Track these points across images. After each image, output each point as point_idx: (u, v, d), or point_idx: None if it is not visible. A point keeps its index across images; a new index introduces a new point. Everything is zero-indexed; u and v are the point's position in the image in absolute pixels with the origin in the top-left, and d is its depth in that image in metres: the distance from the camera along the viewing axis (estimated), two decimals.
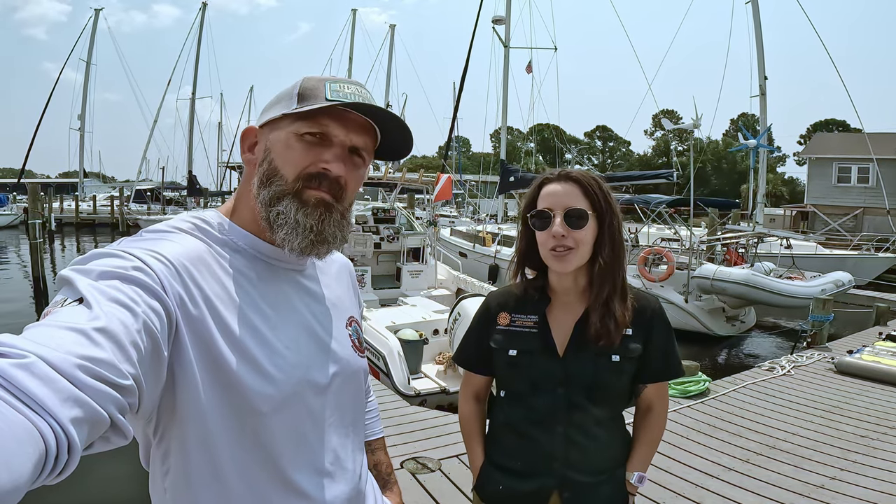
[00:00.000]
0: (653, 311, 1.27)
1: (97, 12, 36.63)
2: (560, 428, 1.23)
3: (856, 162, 23.57)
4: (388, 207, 9.66)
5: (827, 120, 49.46)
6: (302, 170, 0.80)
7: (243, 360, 0.72)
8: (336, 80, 0.83)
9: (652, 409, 1.34)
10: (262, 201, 0.79)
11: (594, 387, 1.22)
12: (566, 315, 1.27)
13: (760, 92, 17.18)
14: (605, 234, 1.21)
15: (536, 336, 1.26)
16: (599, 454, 1.26)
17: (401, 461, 3.23)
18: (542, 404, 1.25)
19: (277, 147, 0.81)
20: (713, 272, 9.40)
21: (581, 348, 1.23)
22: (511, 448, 1.30)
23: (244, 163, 0.86)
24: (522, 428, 1.28)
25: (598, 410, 1.24)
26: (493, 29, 19.75)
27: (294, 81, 0.84)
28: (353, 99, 0.81)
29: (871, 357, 5.46)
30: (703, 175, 44.02)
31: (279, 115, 0.81)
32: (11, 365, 0.46)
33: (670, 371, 1.30)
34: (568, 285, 1.27)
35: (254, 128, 0.86)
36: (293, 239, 0.78)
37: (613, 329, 1.20)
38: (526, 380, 1.26)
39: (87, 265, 0.64)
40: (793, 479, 3.21)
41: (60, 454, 0.46)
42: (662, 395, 1.35)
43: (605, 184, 1.25)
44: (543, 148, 46.75)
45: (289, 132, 0.80)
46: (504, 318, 1.31)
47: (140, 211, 30.47)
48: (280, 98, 0.83)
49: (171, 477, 0.74)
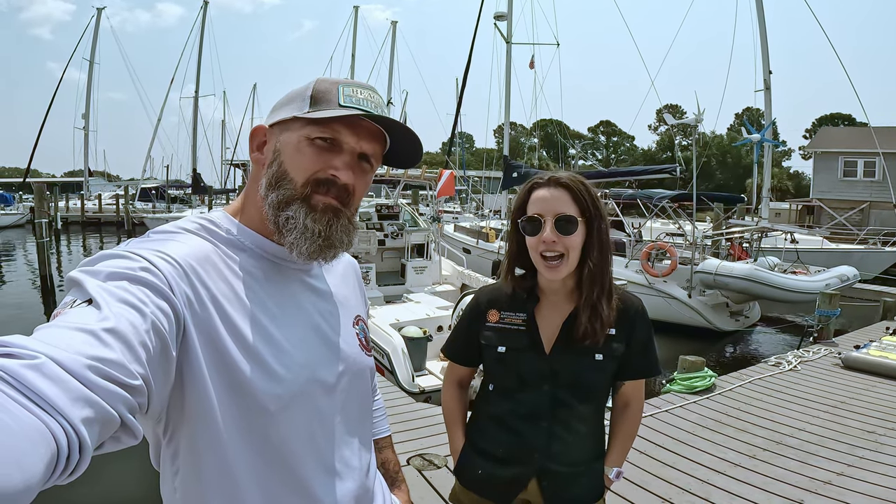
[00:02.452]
0: (635, 311, 1.31)
1: (99, 11, 36.64)
2: (544, 423, 1.28)
3: (862, 156, 23.42)
4: (392, 204, 9.66)
5: (832, 114, 49.17)
6: (311, 175, 0.79)
7: (251, 359, 0.72)
8: (349, 83, 0.82)
9: (629, 406, 1.38)
10: (271, 204, 0.79)
11: (579, 384, 1.27)
12: (554, 314, 1.30)
13: (765, 86, 17.08)
14: (593, 237, 1.23)
15: (524, 334, 1.30)
16: (579, 448, 1.31)
17: (407, 458, 3.24)
18: (528, 400, 1.29)
19: (288, 150, 0.80)
20: (716, 267, 9.37)
21: (567, 347, 1.27)
22: (494, 436, 1.35)
23: (252, 161, 0.85)
24: (508, 421, 1.32)
25: (581, 407, 1.29)
26: (494, 25, 19.66)
27: (307, 82, 0.83)
28: (367, 105, 0.80)
29: (878, 352, 5.43)
30: (708, 170, 43.86)
31: (290, 117, 0.81)
32: (22, 366, 0.46)
33: (650, 369, 1.34)
34: (556, 286, 1.30)
35: (263, 127, 0.85)
36: (301, 244, 0.79)
37: (599, 329, 1.24)
38: (513, 376, 1.30)
39: (96, 266, 0.64)
40: (800, 474, 3.21)
41: (72, 454, 0.46)
42: (639, 392, 1.40)
43: (592, 187, 1.27)
44: (547, 143, 46.60)
45: (300, 136, 0.79)
46: (494, 315, 1.34)
47: (145, 209, 30.61)
48: (292, 98, 0.83)
49: (182, 476, 0.74)
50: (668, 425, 3.92)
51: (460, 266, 9.25)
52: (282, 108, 0.83)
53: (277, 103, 0.85)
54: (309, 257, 0.80)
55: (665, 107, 31.87)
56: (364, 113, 0.79)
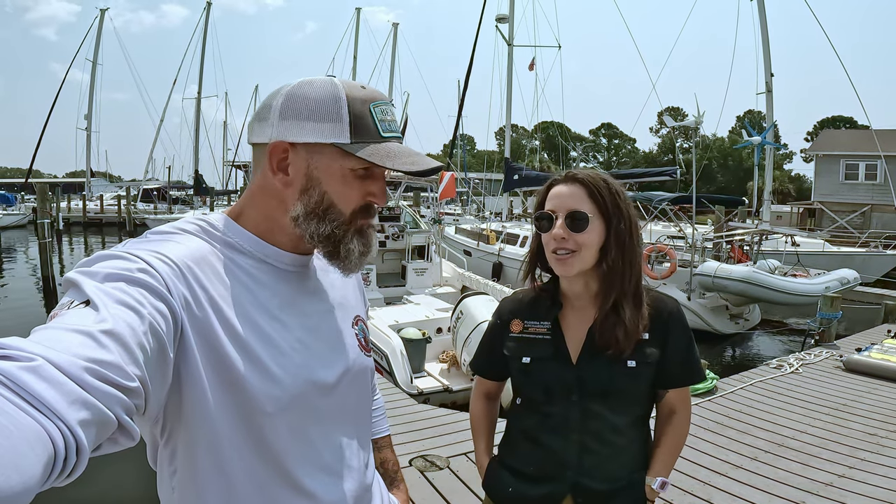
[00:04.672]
0: (669, 313, 1.23)
1: (102, 12, 36.82)
2: (574, 435, 1.21)
3: (863, 159, 23.37)
4: (393, 205, 9.66)
5: (834, 117, 49.15)
6: (358, 206, 0.81)
7: (249, 361, 0.72)
8: (376, 102, 0.80)
9: (674, 414, 1.29)
10: (318, 234, 0.80)
11: (609, 393, 1.19)
12: (579, 321, 1.24)
13: (767, 89, 17.11)
14: (611, 237, 1.18)
15: (549, 343, 1.24)
16: (615, 461, 1.22)
17: (409, 459, 3.23)
18: (555, 411, 1.23)
19: (332, 181, 0.79)
20: (714, 269, 9.35)
21: (595, 355, 1.20)
22: (523, 452, 1.29)
23: (275, 182, 0.79)
24: (536, 434, 1.26)
25: (614, 417, 1.21)
26: (496, 27, 19.69)
27: (330, 90, 0.78)
28: (394, 127, 0.82)
29: (879, 355, 5.42)
30: (710, 172, 43.83)
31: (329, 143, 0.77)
32: (19, 368, 0.46)
33: (690, 376, 1.26)
34: (579, 290, 1.24)
35: (284, 144, 0.78)
36: (353, 267, 0.84)
37: (622, 337, 1.17)
38: (539, 387, 1.25)
39: (93, 267, 0.64)
40: (801, 476, 3.20)
41: (69, 456, 0.46)
42: (685, 400, 1.30)
43: (616, 185, 1.21)
44: (548, 146, 46.64)
45: (343, 167, 0.78)
46: (517, 325, 1.29)
47: (147, 210, 30.64)
48: (319, 113, 0.77)
49: (179, 477, 0.74)
50: None
51: (461, 268, 9.26)
52: (306, 121, 0.77)
53: (295, 111, 0.77)
54: (351, 272, 0.85)
55: (666, 109, 31.87)
56: (417, 171, 0.78)
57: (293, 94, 0.78)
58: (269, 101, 0.80)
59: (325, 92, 0.78)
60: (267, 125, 0.79)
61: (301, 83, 0.79)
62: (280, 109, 0.78)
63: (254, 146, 0.82)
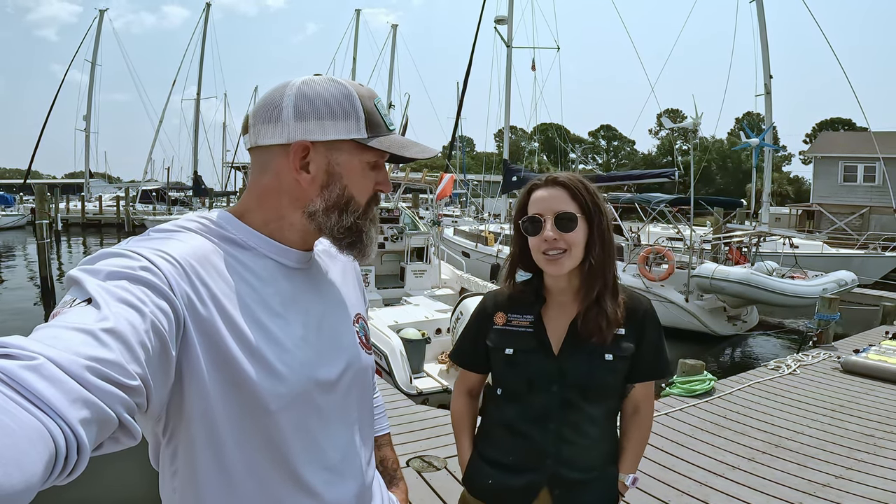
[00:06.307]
0: (644, 311, 1.30)
1: (102, 13, 36.75)
2: (553, 425, 1.27)
3: (862, 161, 23.41)
4: (392, 207, 9.66)
5: (833, 119, 49.22)
6: (370, 196, 0.87)
7: (252, 358, 0.72)
8: (376, 98, 0.85)
9: (639, 411, 1.37)
10: (338, 226, 0.83)
11: (588, 385, 1.26)
12: (561, 315, 1.30)
13: (765, 91, 17.14)
14: (594, 234, 1.24)
15: (532, 335, 1.29)
16: (591, 451, 1.29)
17: (407, 459, 3.23)
18: (536, 402, 1.28)
19: (353, 175, 0.83)
20: (712, 271, 9.34)
21: (576, 347, 1.26)
22: (503, 444, 1.33)
23: (297, 180, 0.80)
24: (517, 425, 1.31)
25: (591, 409, 1.27)
26: (495, 29, 19.69)
27: (340, 89, 0.80)
28: (394, 120, 0.87)
29: (877, 356, 5.44)
30: (708, 174, 43.86)
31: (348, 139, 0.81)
32: (20, 367, 0.46)
33: (660, 371, 1.33)
34: (562, 286, 1.30)
35: (307, 144, 0.79)
36: (371, 253, 0.88)
37: (605, 326, 1.23)
38: (522, 378, 1.29)
39: (96, 265, 0.64)
40: (798, 477, 3.20)
41: (70, 455, 0.47)
42: (649, 396, 1.38)
43: (591, 185, 1.28)
44: (547, 147, 46.65)
45: (362, 161, 0.83)
46: (500, 317, 1.34)
47: (146, 211, 30.59)
48: (337, 112, 0.79)
49: (181, 476, 0.74)
50: (668, 428, 3.92)
51: (459, 270, 9.25)
52: (325, 120, 0.78)
53: (311, 111, 0.78)
54: (369, 258, 0.89)
55: (665, 111, 31.88)
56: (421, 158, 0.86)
57: (303, 94, 0.79)
58: (274, 101, 0.79)
59: (336, 90, 0.80)
60: (281, 126, 0.78)
61: (304, 82, 0.80)
62: (294, 110, 0.78)
63: (259, 147, 0.81)
